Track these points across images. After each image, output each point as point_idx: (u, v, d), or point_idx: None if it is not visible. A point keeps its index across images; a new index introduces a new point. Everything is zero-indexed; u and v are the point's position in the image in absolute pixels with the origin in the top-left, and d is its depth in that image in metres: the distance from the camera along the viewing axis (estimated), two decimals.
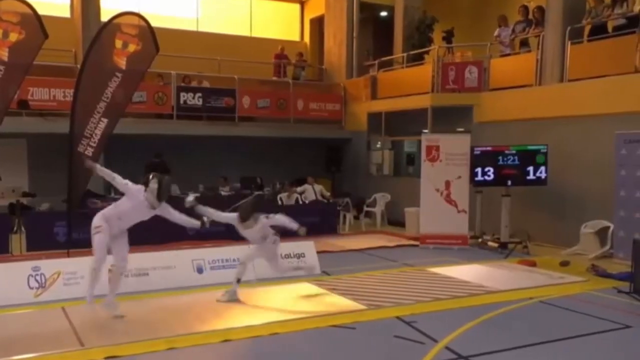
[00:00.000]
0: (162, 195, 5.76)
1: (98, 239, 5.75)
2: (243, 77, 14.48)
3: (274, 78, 16.07)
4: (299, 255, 8.38)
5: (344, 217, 12.69)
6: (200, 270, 7.56)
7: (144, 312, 6.22)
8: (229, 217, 6.59)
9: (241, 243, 7.91)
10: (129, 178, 6.01)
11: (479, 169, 10.38)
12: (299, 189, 12.83)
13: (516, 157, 10.33)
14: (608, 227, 9.52)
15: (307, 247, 8.51)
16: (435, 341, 5.40)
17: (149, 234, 9.70)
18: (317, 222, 11.52)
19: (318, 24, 17.95)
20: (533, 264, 8.94)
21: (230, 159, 14.17)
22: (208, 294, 6.95)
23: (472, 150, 10.44)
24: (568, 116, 10.51)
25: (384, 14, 17.41)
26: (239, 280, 6.69)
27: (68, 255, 8.09)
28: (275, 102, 14.73)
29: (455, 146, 10.49)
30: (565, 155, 10.46)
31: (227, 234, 9.96)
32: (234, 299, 6.62)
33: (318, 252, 8.59)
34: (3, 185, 11.68)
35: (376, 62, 15.17)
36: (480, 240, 10.68)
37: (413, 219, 11.78)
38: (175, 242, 9.66)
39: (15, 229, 9.75)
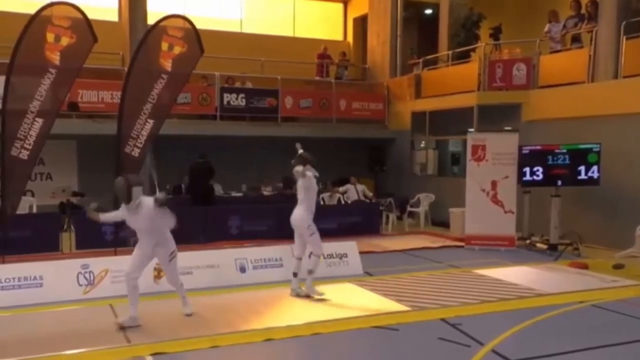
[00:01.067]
0: (122, 198, 5.64)
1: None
2: (286, 77, 14.56)
3: (317, 78, 16.10)
4: (342, 256, 8.37)
5: (387, 217, 12.62)
6: (243, 270, 7.64)
7: None
8: None
9: (284, 242, 7.97)
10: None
11: (527, 169, 10.15)
12: (341, 188, 12.83)
13: (567, 157, 10.05)
14: None
15: (350, 248, 8.49)
16: (482, 344, 5.30)
17: (192, 234, 10.00)
18: (360, 222, 11.55)
19: (361, 23, 17.91)
20: (584, 267, 8.66)
21: (273, 159, 14.23)
22: (251, 293, 7.02)
23: (520, 149, 10.21)
24: (622, 114, 10.13)
25: (428, 11, 17.24)
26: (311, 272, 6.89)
27: (115, 253, 8.32)
28: (317, 102, 14.76)
29: (502, 145, 10.28)
30: (619, 155, 10.09)
31: (270, 234, 10.16)
32: (304, 294, 6.85)
33: (360, 253, 8.56)
34: (54, 185, 12.11)
35: (420, 60, 15.01)
36: (528, 241, 10.42)
37: (458, 219, 11.60)
38: (218, 242, 9.82)
39: (65, 227, 10.08)
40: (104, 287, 6.93)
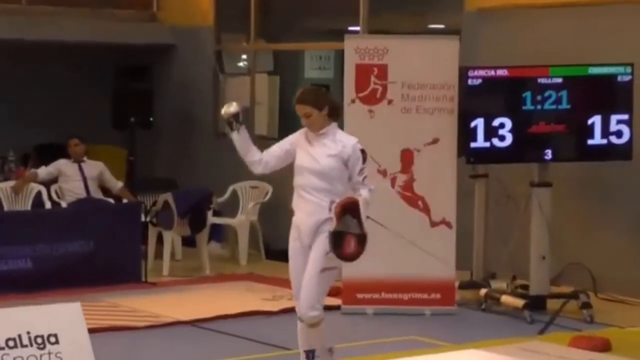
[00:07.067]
0: None
1: None
2: None
3: None
4: (45, 341, 8.03)
5: (160, 239, 12.68)
6: None
7: None
8: None
9: None
10: None
11: (478, 122, 10.49)
12: (43, 171, 12.82)
13: (564, 94, 10.54)
14: None
15: (66, 320, 8.18)
16: None
17: None
18: (93, 253, 11.66)
19: None
20: (604, 346, 9.10)
21: None
22: None
23: (464, 75, 10.54)
24: None
25: None
26: None
27: None
28: None
29: (424, 68, 10.59)
30: None
31: None
32: None
33: (93, 332, 8.21)
34: None
35: None
36: (484, 291, 10.82)
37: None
38: None
39: None
40: None
